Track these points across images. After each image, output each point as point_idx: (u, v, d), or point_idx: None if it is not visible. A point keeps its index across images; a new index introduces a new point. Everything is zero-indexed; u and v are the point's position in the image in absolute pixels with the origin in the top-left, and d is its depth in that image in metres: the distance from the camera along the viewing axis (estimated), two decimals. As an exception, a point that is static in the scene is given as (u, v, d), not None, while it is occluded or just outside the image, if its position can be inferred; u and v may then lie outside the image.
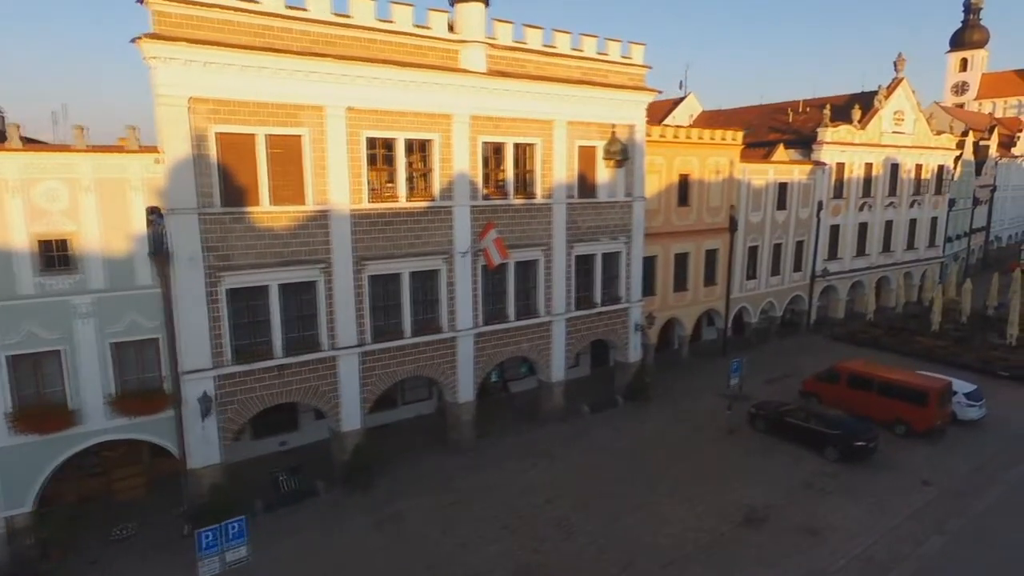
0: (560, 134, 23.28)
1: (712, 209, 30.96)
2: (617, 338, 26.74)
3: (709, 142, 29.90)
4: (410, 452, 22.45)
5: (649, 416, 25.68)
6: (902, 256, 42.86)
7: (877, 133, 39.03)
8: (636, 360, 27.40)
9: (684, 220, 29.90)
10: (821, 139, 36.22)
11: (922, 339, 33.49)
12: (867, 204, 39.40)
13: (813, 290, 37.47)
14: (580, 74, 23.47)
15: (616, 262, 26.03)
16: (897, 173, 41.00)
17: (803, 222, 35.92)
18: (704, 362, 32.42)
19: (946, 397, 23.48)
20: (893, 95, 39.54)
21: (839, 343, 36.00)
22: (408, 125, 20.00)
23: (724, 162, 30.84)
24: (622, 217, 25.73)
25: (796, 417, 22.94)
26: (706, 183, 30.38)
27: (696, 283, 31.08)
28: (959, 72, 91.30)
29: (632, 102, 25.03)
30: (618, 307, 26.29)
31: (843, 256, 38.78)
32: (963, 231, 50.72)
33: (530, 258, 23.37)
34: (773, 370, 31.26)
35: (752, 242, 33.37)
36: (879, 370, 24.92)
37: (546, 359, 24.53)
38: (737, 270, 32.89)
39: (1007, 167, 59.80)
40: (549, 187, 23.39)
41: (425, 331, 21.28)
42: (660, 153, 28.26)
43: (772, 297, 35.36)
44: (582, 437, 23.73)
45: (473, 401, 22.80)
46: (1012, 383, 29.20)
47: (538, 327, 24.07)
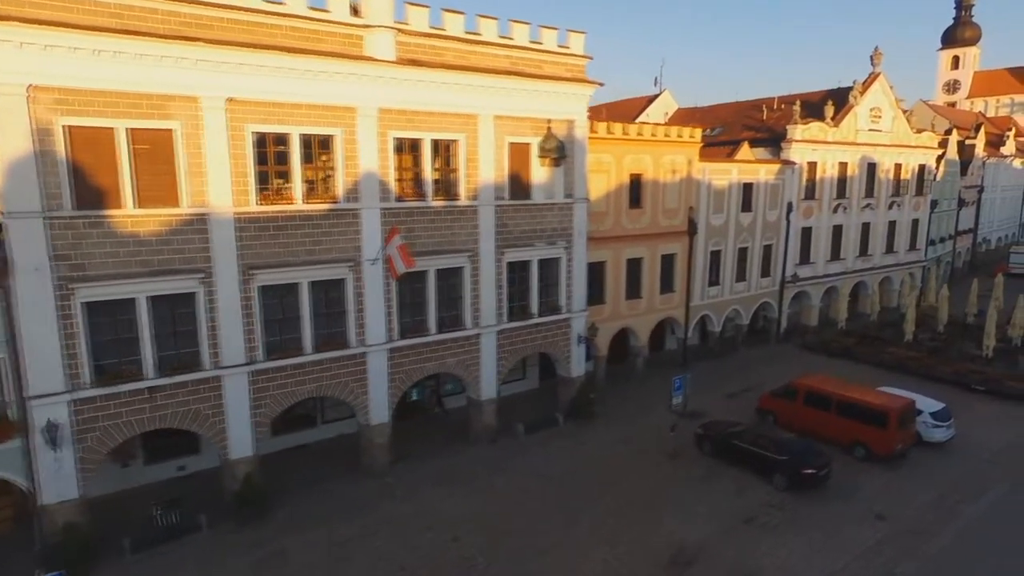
0: (487, 129, 21.27)
1: (668, 211, 28.95)
2: (558, 351, 24.73)
3: (664, 140, 27.90)
4: (320, 478, 20.45)
5: (590, 437, 23.66)
6: (881, 260, 40.83)
7: (852, 131, 37.02)
8: (580, 375, 25.39)
9: (636, 223, 27.89)
10: (790, 137, 34.22)
11: (894, 350, 31.47)
12: (842, 206, 37.39)
13: (783, 297, 35.46)
14: (509, 64, 21.47)
15: (555, 269, 24.03)
16: (875, 173, 39.00)
17: (771, 225, 33.91)
18: (662, 374, 30.28)
19: (908, 418, 21.47)
20: (869, 91, 37.54)
21: (810, 353, 34.02)
22: (304, 119, 17.99)
23: (681, 161, 28.83)
24: (561, 220, 23.71)
25: (744, 440, 20.93)
26: (661, 183, 28.37)
27: (651, 290, 29.07)
28: (951, 70, 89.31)
29: (571, 95, 23.02)
30: (558, 317, 24.28)
31: (816, 260, 36.76)
32: (948, 234, 48.71)
33: (454, 265, 21.36)
34: (735, 383, 29.28)
35: (714, 246, 31.36)
36: (838, 387, 22.89)
37: (475, 375, 22.52)
38: (698, 276, 30.88)
39: (995, 167, 57.80)
40: (475, 187, 21.39)
41: (329, 346, 19.26)
42: (608, 151, 26.26)
43: (738, 304, 33.35)
44: (511, 461, 21.71)
45: (388, 423, 20.79)
46: (988, 398, 27.21)
47: (465, 340, 22.05)
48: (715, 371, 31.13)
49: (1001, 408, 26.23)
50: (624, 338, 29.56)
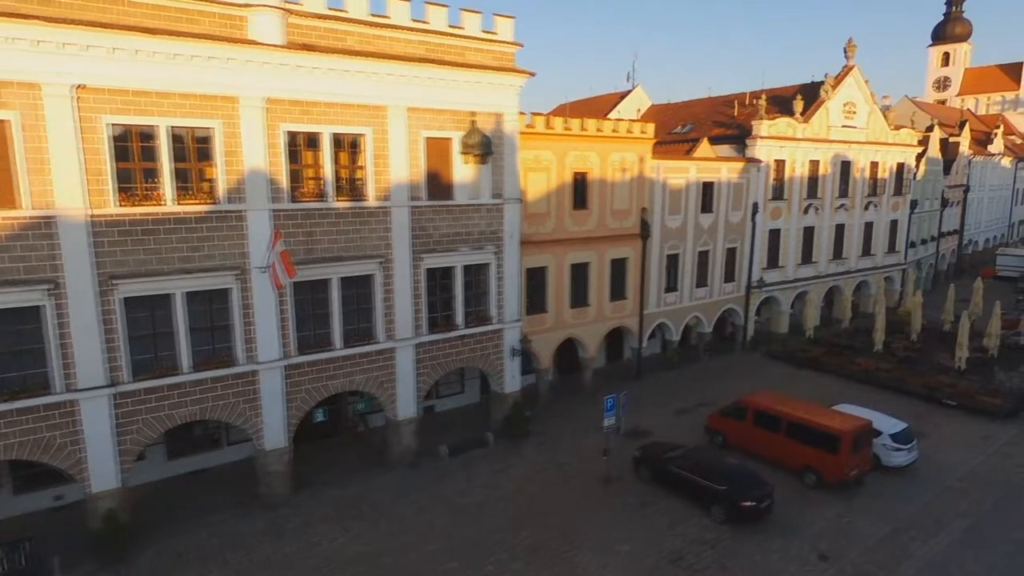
0: (398, 123, 19.25)
1: (618, 212, 26.92)
2: (490, 365, 22.72)
3: (612, 136, 25.88)
4: (211, 509, 18.42)
5: (520, 460, 21.66)
6: (856, 264, 38.84)
7: (824, 127, 35.02)
8: (514, 390, 23.39)
9: (582, 225, 25.87)
10: (755, 133, 32.21)
11: (863, 360, 29.46)
12: (813, 206, 35.39)
13: (749, 303, 33.45)
14: (425, 51, 19.46)
15: (484, 276, 22.03)
16: (849, 172, 37.00)
17: (735, 227, 31.90)
18: (614, 387, 28.30)
19: (863, 441, 19.47)
20: (842, 85, 35.53)
21: (777, 363, 32.03)
22: (175, 110, 15.95)
23: (632, 159, 26.81)
24: (490, 222, 21.71)
25: (681, 466, 18.93)
26: (609, 183, 26.35)
27: (600, 297, 27.05)
28: (941, 67, 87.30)
29: (499, 86, 21.01)
30: (488, 328, 22.28)
31: (785, 264, 34.76)
32: (930, 235, 46.72)
33: (362, 272, 19.35)
34: (690, 397, 27.28)
35: (671, 250, 29.35)
36: (788, 406, 20.88)
37: (390, 393, 20.50)
38: (652, 282, 28.86)
39: (983, 166, 55.84)
40: (386, 187, 19.37)
41: (212, 364, 17.23)
42: (548, 147, 24.25)
43: (699, 312, 31.34)
44: (427, 489, 19.70)
45: (286, 448, 18.77)
46: (959, 414, 25.22)
47: (377, 355, 20.04)
48: (671, 383, 29.15)
49: (972, 426, 24.24)
50: (572, 350, 27.57)
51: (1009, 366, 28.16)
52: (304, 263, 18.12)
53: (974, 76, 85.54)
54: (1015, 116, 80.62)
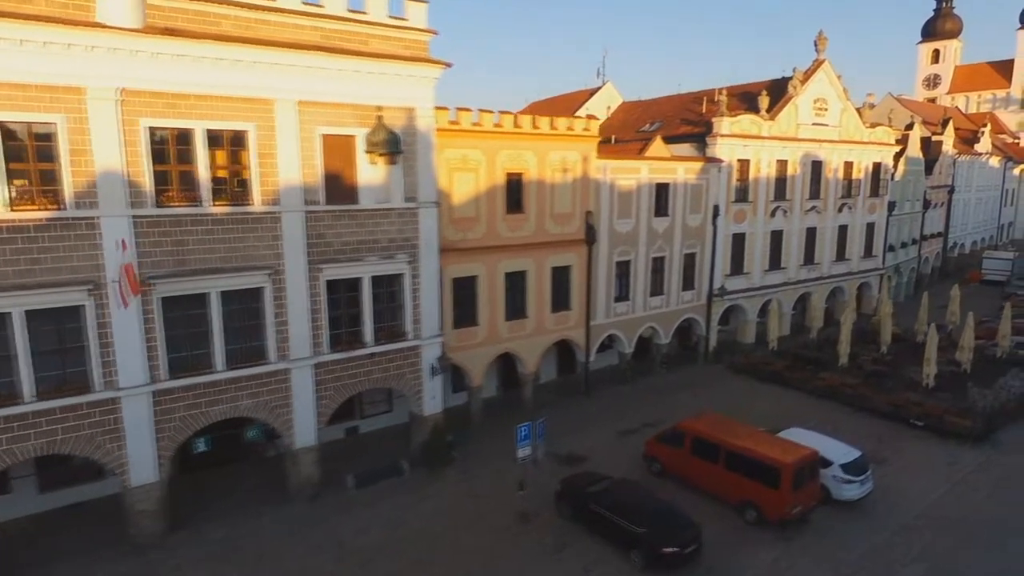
0: (288, 118, 17.19)
1: (560, 217, 24.88)
2: (406, 385, 20.66)
3: (550, 133, 23.82)
4: (72, 552, 16.38)
5: (435, 491, 19.61)
6: (830, 269, 36.81)
7: (792, 125, 33.00)
8: (435, 412, 21.34)
9: (517, 231, 23.81)
10: (716, 131, 30.18)
11: (827, 375, 27.39)
12: (781, 209, 33.34)
13: (711, 312, 31.40)
14: (319, 38, 17.41)
15: (397, 287, 19.98)
16: (820, 172, 34.98)
17: (694, 231, 29.86)
18: (561, 404, 26.38)
19: (808, 474, 17.43)
20: (812, 80, 33.50)
21: (739, 376, 30.00)
22: (5, 102, 13.90)
23: (574, 158, 24.76)
24: (402, 228, 19.66)
25: (601, 503, 16.87)
26: (548, 184, 24.30)
27: (540, 308, 25.00)
28: (931, 64, 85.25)
29: (411, 77, 18.97)
30: (403, 345, 20.23)
31: (751, 271, 32.71)
32: (912, 238, 44.68)
33: (247, 285, 17.28)
34: (638, 415, 25.23)
35: (621, 256, 27.29)
36: (728, 433, 18.82)
37: (285, 419, 18.43)
38: (600, 290, 26.81)
39: (969, 165, 53.81)
40: (275, 190, 17.31)
41: (61, 392, 15.17)
42: (476, 146, 22.21)
43: (654, 322, 29.28)
44: (322, 526, 17.65)
45: (156, 483, 16.70)
46: (926, 436, 23.17)
47: (268, 377, 17.97)
48: (622, 399, 27.12)
49: (939, 449, 22.20)
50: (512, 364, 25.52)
51: (984, 381, 26.10)
52: (175, 276, 16.09)
53: (965, 73, 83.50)
54: (1006, 114, 78.71)
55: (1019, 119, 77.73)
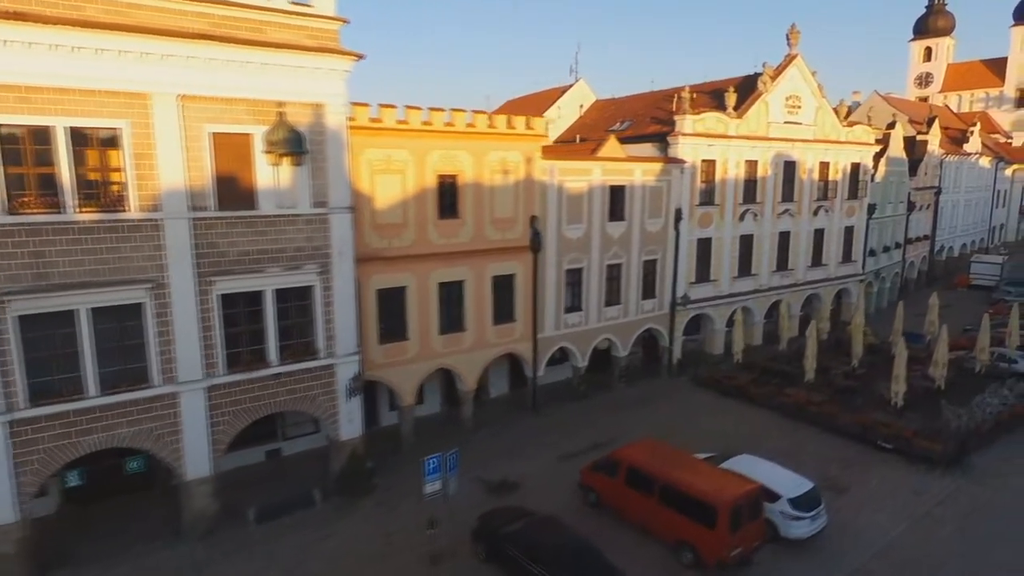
0: (168, 115, 15.41)
1: (500, 222, 23.08)
2: (319, 408, 18.87)
3: (487, 132, 22.03)
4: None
5: (345, 526, 17.80)
6: (805, 275, 35.00)
7: (762, 123, 31.21)
8: (354, 436, 19.55)
9: (452, 237, 22.02)
10: (678, 130, 28.39)
11: (792, 391, 25.57)
12: (751, 212, 31.53)
13: (674, 322, 29.60)
14: (207, 25, 15.63)
15: (306, 301, 18.18)
16: (794, 173, 33.18)
17: (654, 236, 28.04)
18: (500, 423, 24.59)
19: (751, 512, 15.62)
20: (784, 76, 31.70)
21: (703, 390, 28.20)
22: None
23: (516, 159, 22.96)
24: (310, 236, 17.86)
25: (516, 544, 15.08)
26: (487, 187, 22.50)
27: (480, 320, 23.20)
28: (923, 62, 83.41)
29: (318, 70, 17.19)
30: (315, 364, 18.43)
31: (718, 278, 30.91)
32: (895, 242, 42.86)
33: (124, 301, 15.49)
34: (588, 435, 23.41)
35: (572, 264, 25.49)
36: (665, 463, 17.02)
37: (173, 449, 16.63)
38: (549, 301, 25.01)
39: (957, 166, 51.98)
40: (154, 194, 15.52)
41: None
42: (403, 145, 20.43)
43: (611, 333, 27.46)
44: (211, 569, 15.86)
45: (16, 523, 14.92)
46: (894, 460, 21.36)
47: (151, 403, 16.17)
48: (573, 417, 25.32)
49: (906, 476, 20.38)
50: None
51: (959, 398, 24.24)
52: (34, 292, 14.32)
53: (957, 72, 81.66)
54: (999, 113, 76.91)
55: (1013, 118, 75.90)
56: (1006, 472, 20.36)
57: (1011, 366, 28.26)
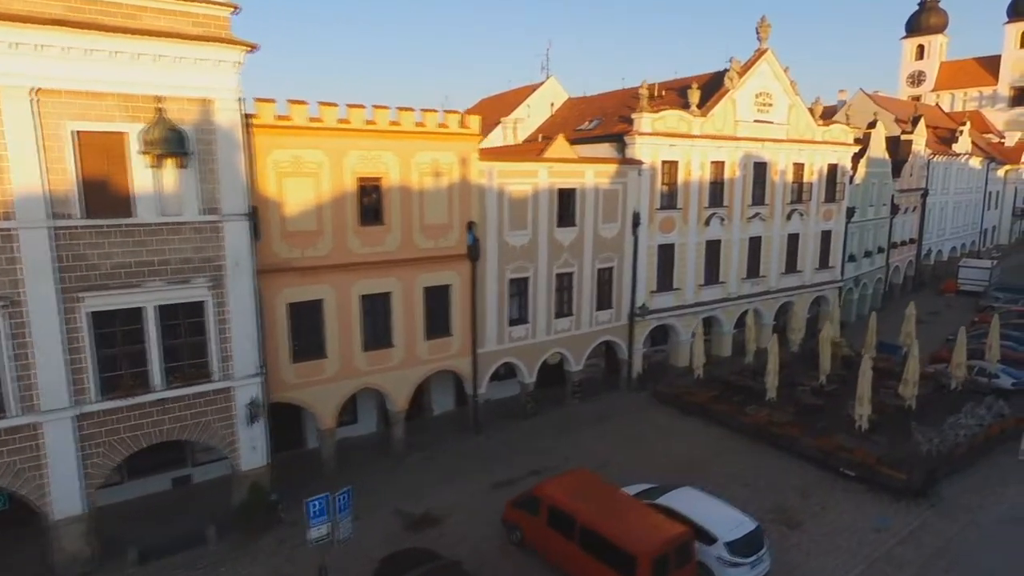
0: (19, 111, 13.66)
1: (433, 228, 21.30)
2: (213, 436, 17.08)
3: (415, 131, 20.25)
4: None
5: (232, 568, 16.00)
6: (778, 282, 33.18)
7: (730, 122, 29.40)
8: (255, 467, 17.77)
9: (376, 246, 20.23)
10: (635, 129, 26.60)
11: (753, 410, 23.75)
12: (718, 216, 29.72)
13: (633, 333, 27.80)
14: (63, 10, 13.87)
15: (198, 318, 16.40)
16: (765, 174, 31.36)
17: (610, 242, 26.25)
18: (436, 446, 22.81)
19: (678, 559, 13.81)
20: (753, 72, 29.89)
21: (663, 407, 26.41)
22: None
23: (449, 160, 21.19)
24: (199, 247, 16.09)
25: (408, 597, 13.31)
26: (416, 191, 20.71)
27: (411, 335, 21.41)
28: (915, 61, 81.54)
29: (203, 61, 15.46)
30: (207, 388, 16.66)
31: (682, 286, 29.09)
32: (877, 246, 41.02)
33: (-31, 322, 13.75)
34: (529, 460, 21.64)
35: (517, 273, 23.70)
36: (588, 500, 15.23)
37: (36, 485, 14.87)
38: (491, 313, 23.22)
39: (946, 167, 50.13)
40: (4, 200, 13.75)
41: None
42: (316, 145, 18.65)
43: (561, 346, 25.66)
44: (69, 623, 14.10)
45: None
46: (857, 489, 19.55)
47: (8, 435, 14.40)
48: (515, 438, 23.54)
49: (870, 507, 18.56)
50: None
51: (933, 418, 22.44)
52: None
53: (950, 70, 79.79)
54: (993, 113, 75.08)
55: (1006, 117, 74.01)
56: (977, 505, 18.54)
57: (992, 381, 26.46)
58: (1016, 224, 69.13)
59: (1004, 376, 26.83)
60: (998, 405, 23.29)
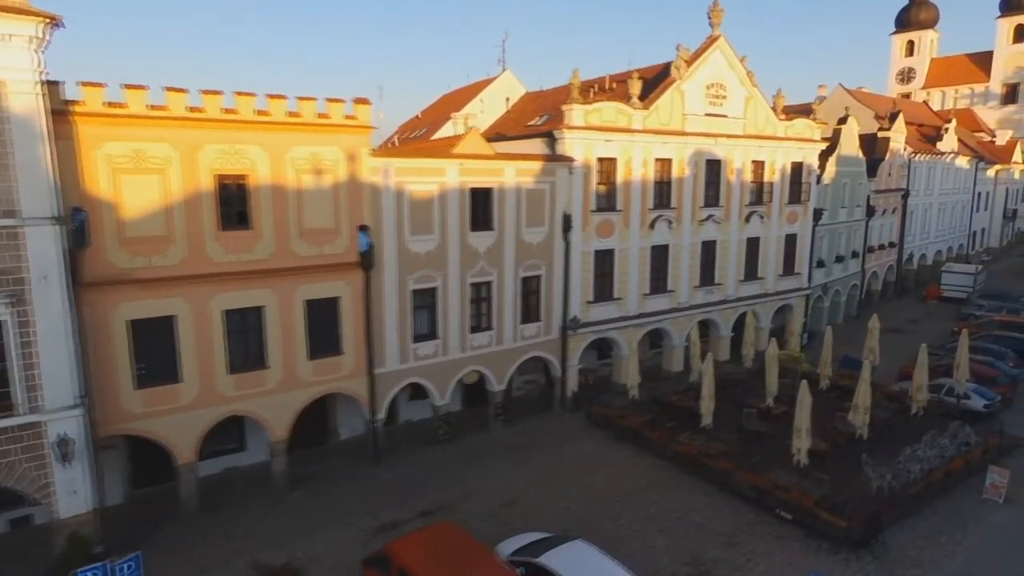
0: None
1: (315, 233, 18.72)
2: (20, 479, 14.50)
3: (287, 123, 17.68)
4: None
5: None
6: (736, 291, 30.55)
7: (677, 116, 26.79)
8: (79, 513, 15.20)
9: (243, 253, 17.64)
10: (566, 122, 24.00)
11: (685, 439, 21.08)
12: (665, 219, 27.10)
13: (567, 348, 25.18)
14: None
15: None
16: (719, 173, 28.74)
17: (536, 248, 23.66)
18: (329, 480, 20.22)
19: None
20: (704, 61, 27.28)
21: (597, 431, 23.82)
22: None
23: (334, 155, 18.61)
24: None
25: None
26: (292, 191, 18.13)
27: (291, 355, 18.83)
28: (905, 57, 78.83)
29: (-10, 35, 12.87)
30: (10, 422, 14.10)
31: (624, 296, 26.48)
32: (851, 251, 38.35)
33: None
34: (426, 496, 19.07)
35: (422, 283, 21.12)
36: (443, 565, 12.63)
37: None
38: (390, 328, 20.63)
39: (929, 166, 47.45)
40: None
41: None
42: (162, 137, 16.09)
43: (480, 364, 23.06)
44: None
45: None
46: (793, 535, 16.93)
47: None
48: (422, 469, 20.93)
49: (802, 560, 15.93)
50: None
51: (888, 447, 19.72)
52: None
53: (941, 67, 77.05)
54: (984, 111, 72.37)
55: (998, 116, 71.29)
56: (928, 559, 15.90)
57: (961, 403, 23.81)
58: (1007, 226, 66.41)
59: (975, 397, 24.19)
60: (964, 432, 20.62)
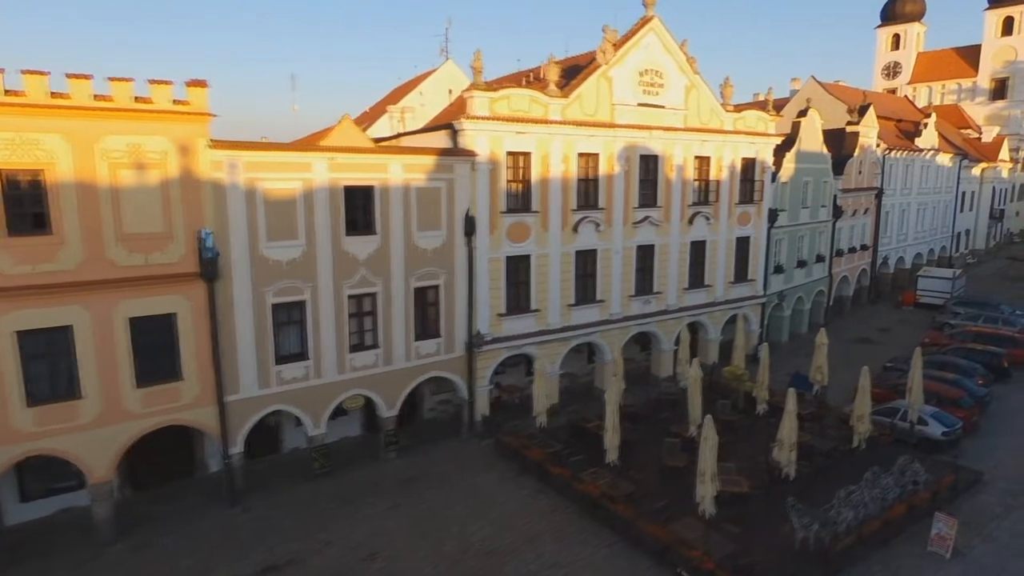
0: None
1: (140, 239, 15.88)
2: None
3: (93, 107, 14.84)
4: None
5: None
6: (679, 300, 27.70)
7: (604, 105, 23.95)
8: None
9: (42, 263, 14.81)
10: (468, 111, 21.15)
11: (588, 478, 18.20)
12: (591, 221, 24.24)
13: (474, 367, 22.34)
14: None
15: None
16: (656, 170, 25.91)
17: (431, 255, 20.83)
18: (167, 527, 17.37)
19: None
20: (636, 45, 24.42)
21: (502, 462, 21.03)
22: None
23: (161, 147, 15.78)
24: None
25: None
26: (105, 189, 15.30)
27: (111, 381, 15.97)
28: (891, 51, 75.83)
29: None
30: None
31: (542, 307, 23.64)
32: (816, 255, 35.49)
33: None
34: (278, 548, 16.28)
35: (284, 296, 18.27)
36: None
37: None
38: (245, 348, 17.77)
39: (907, 164, 44.57)
40: None
41: None
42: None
43: (365, 387, 20.21)
44: None
45: None
46: (693, 603, 14.10)
47: None
48: (279, 513, 18.06)
49: (697, 638, 13.13)
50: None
51: (825, 488, 16.81)
52: None
53: (928, 61, 74.01)
54: (972, 107, 69.50)
55: (987, 112, 68.31)
56: (846, 638, 13.09)
57: (917, 429, 20.96)
58: (994, 227, 63.52)
59: (933, 423, 21.33)
60: (912, 469, 17.73)
